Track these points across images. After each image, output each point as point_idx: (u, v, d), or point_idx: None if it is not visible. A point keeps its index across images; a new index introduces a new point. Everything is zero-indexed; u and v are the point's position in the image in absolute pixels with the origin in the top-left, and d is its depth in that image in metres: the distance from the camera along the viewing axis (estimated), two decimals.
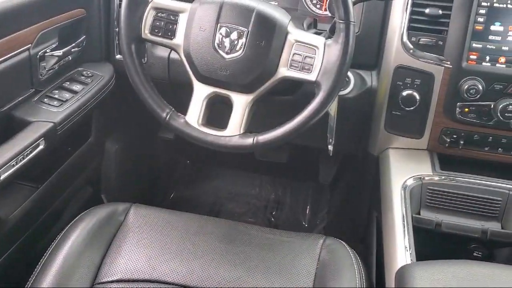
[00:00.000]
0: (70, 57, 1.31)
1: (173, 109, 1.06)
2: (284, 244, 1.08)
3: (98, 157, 1.54)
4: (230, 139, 1.02)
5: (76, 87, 1.28)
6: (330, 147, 1.26)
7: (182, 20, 1.03)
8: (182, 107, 1.07)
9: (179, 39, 1.03)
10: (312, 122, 1.00)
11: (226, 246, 1.05)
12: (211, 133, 1.03)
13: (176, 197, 1.96)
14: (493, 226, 1.11)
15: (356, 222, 1.54)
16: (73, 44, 1.31)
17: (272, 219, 1.89)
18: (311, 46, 0.99)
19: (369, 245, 1.26)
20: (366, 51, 1.25)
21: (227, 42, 1.00)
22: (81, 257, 0.99)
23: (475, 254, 1.13)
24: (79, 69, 1.35)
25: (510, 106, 1.11)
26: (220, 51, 1.00)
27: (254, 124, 1.13)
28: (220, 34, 1.00)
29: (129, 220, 1.10)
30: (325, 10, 1.33)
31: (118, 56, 1.40)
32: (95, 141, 1.47)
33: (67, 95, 1.24)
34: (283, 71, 1.01)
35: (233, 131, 1.02)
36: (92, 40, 1.38)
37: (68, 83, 1.29)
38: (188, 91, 1.06)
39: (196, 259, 1.01)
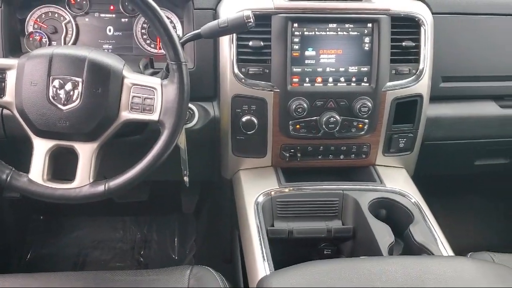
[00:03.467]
0: None
1: (13, 169, 1.02)
2: (152, 282, 1.09)
3: None
4: (80, 190, 1.01)
5: None
6: (186, 179, 1.31)
7: (11, 77, 1.00)
8: (25, 164, 1.03)
9: (9, 97, 1.00)
10: (161, 160, 1.03)
11: None
12: (59, 187, 1.01)
13: (33, 258, 1.83)
14: (336, 224, 1.26)
15: (222, 244, 1.61)
16: None
17: (141, 259, 1.86)
18: (148, 88, 1.04)
19: (235, 263, 1.33)
20: (204, 84, 1.33)
21: (62, 93, 0.99)
22: None
23: (325, 252, 1.27)
24: None
25: (332, 118, 1.27)
26: (56, 103, 1.00)
27: (107, 168, 1.13)
28: (54, 86, 0.99)
29: None
30: (160, 48, 1.39)
31: None
32: None
33: None
34: (125, 115, 1.04)
35: (82, 181, 1.02)
36: None
37: None
38: (28, 146, 1.02)
39: None
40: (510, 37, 1.44)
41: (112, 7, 1.37)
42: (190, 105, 1.34)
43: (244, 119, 1.29)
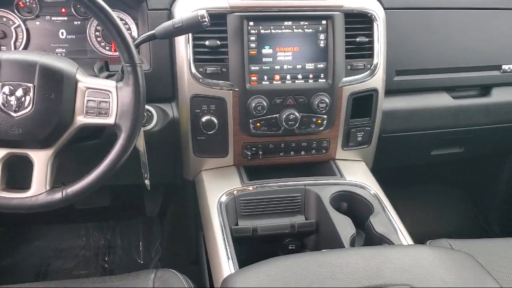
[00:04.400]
0: None
1: None
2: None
3: None
4: (37, 198, 0.99)
5: None
6: (147, 182, 1.30)
7: None
8: None
9: None
10: (119, 164, 1.02)
11: None
12: (15, 197, 0.98)
13: None
14: (299, 219, 1.28)
15: (188, 245, 1.60)
16: None
17: (106, 265, 1.83)
18: (103, 91, 1.02)
19: (201, 264, 1.33)
20: (161, 85, 1.32)
21: (13, 100, 0.96)
22: None
23: (290, 247, 1.28)
24: None
25: (291, 115, 1.29)
26: (7, 111, 0.97)
27: (65, 175, 1.11)
28: (4, 93, 0.96)
29: None
30: (115, 51, 1.37)
31: None
32: None
33: None
34: (80, 119, 1.02)
35: (38, 189, 0.99)
36: None
37: None
38: None
39: None
40: (460, 30, 1.49)
41: (63, 10, 1.34)
42: (148, 107, 1.32)
43: (204, 119, 1.28)
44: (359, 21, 1.32)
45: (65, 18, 1.34)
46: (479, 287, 0.86)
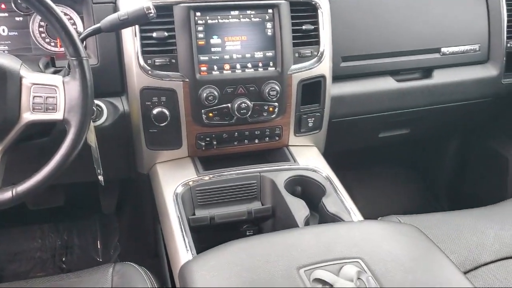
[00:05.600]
0: None
1: None
2: (75, 285, 1.07)
3: None
4: None
5: None
6: (101, 178, 1.29)
7: None
8: None
9: None
10: (70, 159, 1.01)
11: None
12: None
13: None
14: (255, 205, 1.30)
15: (146, 240, 1.60)
16: None
17: (64, 265, 1.80)
18: (50, 86, 1.00)
19: (160, 257, 1.33)
20: (110, 79, 1.31)
21: None
22: None
23: (248, 233, 1.30)
24: None
25: (243, 104, 1.30)
26: None
27: (16, 174, 1.08)
28: None
29: None
30: (61, 47, 1.34)
31: None
32: None
33: None
34: (27, 116, 1.00)
35: None
36: None
37: None
38: None
39: None
40: (402, 15, 1.54)
41: (3, 6, 1.30)
42: (97, 101, 1.31)
43: (155, 111, 1.28)
44: (304, 9, 1.35)
45: (6, 14, 1.30)
46: (425, 257, 0.91)
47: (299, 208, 1.19)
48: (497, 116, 1.81)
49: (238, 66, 1.30)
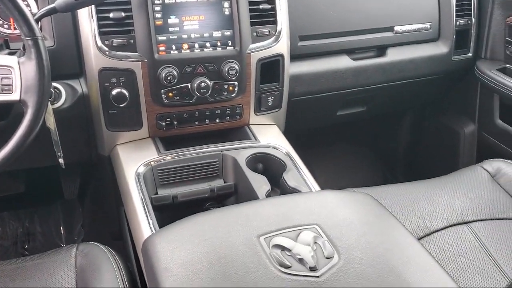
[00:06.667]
0: None
1: None
2: (38, 266, 1.06)
3: None
4: None
5: None
6: (61, 161, 1.28)
7: None
8: None
9: None
10: (28, 141, 1.00)
11: None
12: None
13: None
14: (218, 183, 1.33)
15: (111, 222, 1.60)
16: None
17: (26, 252, 1.77)
18: (4, 67, 0.99)
19: (125, 238, 1.34)
20: (67, 61, 1.30)
21: None
22: None
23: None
24: None
25: (203, 83, 1.32)
26: None
27: None
28: None
29: None
30: (15, 29, 1.31)
31: None
32: None
33: None
34: None
35: None
36: None
37: None
38: None
39: None
40: None
41: None
42: (55, 84, 1.29)
43: (114, 92, 1.28)
44: None
45: None
46: (379, 221, 0.96)
47: (260, 184, 1.22)
48: (447, 92, 1.89)
49: (196, 45, 1.31)
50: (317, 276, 0.78)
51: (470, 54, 1.75)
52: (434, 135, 1.99)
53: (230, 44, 1.34)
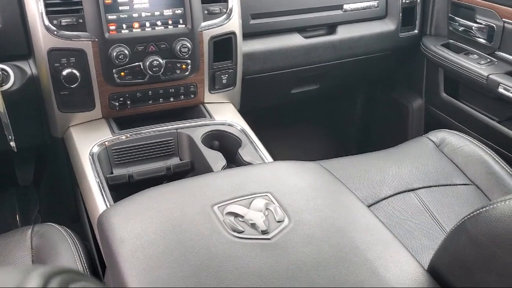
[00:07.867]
0: None
1: None
2: None
3: None
4: None
5: None
6: (12, 144, 1.26)
7: None
8: None
9: None
10: None
11: None
12: None
13: None
14: (174, 161, 1.34)
15: (67, 206, 1.59)
16: None
17: None
18: None
19: (82, 220, 1.34)
20: (14, 42, 1.27)
21: None
22: None
23: None
24: None
25: (155, 62, 1.32)
26: None
27: None
28: None
29: None
30: None
31: None
32: None
33: None
34: None
35: None
36: None
37: None
38: None
39: None
40: None
41: None
42: (2, 66, 1.27)
43: (64, 72, 1.26)
44: None
45: None
46: (328, 187, 1.01)
47: (216, 160, 1.25)
48: (396, 68, 1.96)
49: (147, 24, 1.31)
50: (268, 239, 0.82)
51: (416, 31, 1.82)
52: (385, 110, 2.07)
53: (181, 22, 1.34)
